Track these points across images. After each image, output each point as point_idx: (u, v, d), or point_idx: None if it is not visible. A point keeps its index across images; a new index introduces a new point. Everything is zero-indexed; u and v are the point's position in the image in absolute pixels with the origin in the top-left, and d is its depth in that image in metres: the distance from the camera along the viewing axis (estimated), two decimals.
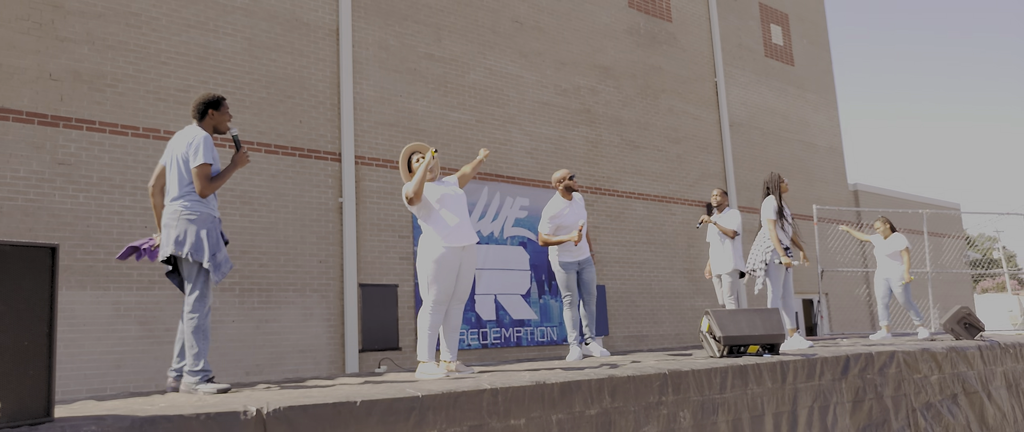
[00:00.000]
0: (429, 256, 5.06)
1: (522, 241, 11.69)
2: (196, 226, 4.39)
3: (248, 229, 9.07)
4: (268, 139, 9.44)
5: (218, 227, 4.51)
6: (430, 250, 5.08)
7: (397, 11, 10.92)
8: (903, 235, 9.30)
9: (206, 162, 4.43)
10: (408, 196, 5.11)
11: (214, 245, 4.41)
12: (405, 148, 5.39)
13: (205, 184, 4.41)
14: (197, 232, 4.38)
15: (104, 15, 8.46)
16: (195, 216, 4.40)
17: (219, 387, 4.27)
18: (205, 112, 4.65)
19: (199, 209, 4.43)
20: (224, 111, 4.72)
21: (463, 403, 3.88)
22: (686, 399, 4.93)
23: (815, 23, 19.24)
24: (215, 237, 4.44)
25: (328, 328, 9.50)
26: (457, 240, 5.12)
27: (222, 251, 4.46)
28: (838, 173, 18.58)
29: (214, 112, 4.67)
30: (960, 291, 21.17)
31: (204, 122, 4.66)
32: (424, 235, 5.18)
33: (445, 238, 5.09)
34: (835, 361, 6.08)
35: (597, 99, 13.29)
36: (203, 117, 4.65)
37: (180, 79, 8.86)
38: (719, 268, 8.15)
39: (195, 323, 4.34)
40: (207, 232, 4.41)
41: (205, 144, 4.45)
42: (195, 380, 4.31)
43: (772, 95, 17.16)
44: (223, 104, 4.72)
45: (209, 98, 4.67)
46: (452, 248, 5.08)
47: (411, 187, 5.09)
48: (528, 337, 11.45)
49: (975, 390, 7.31)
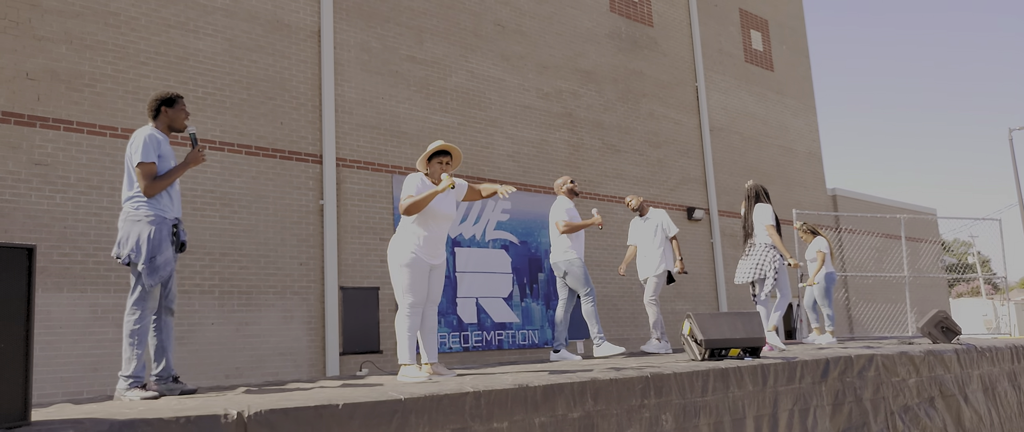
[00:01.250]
0: (401, 260, 5.01)
1: (504, 244, 11.68)
2: (138, 227, 4.33)
3: (228, 231, 9.00)
4: (249, 141, 9.37)
5: (166, 228, 4.39)
6: (402, 253, 5.02)
7: (379, 13, 10.89)
8: (824, 240, 9.49)
9: (144, 161, 4.35)
10: (405, 209, 4.99)
11: (154, 248, 4.31)
12: (436, 144, 5.15)
13: (149, 183, 4.34)
14: (138, 234, 4.32)
15: (82, 14, 8.37)
16: (139, 218, 4.35)
17: (147, 395, 4.14)
18: (158, 110, 4.61)
19: (144, 211, 4.36)
20: (179, 109, 4.65)
21: (446, 406, 3.87)
22: (668, 402, 4.94)
23: (794, 29, 19.42)
24: (158, 239, 4.34)
25: (309, 331, 9.44)
26: (428, 256, 5.08)
27: (163, 254, 4.34)
28: (817, 178, 18.75)
29: (168, 110, 4.62)
30: (936, 295, 21.43)
31: (158, 120, 4.61)
32: (398, 234, 5.11)
33: (417, 249, 5.03)
34: (815, 364, 6.13)
35: (579, 103, 13.32)
36: (157, 115, 4.61)
37: (159, 79, 8.78)
38: (647, 270, 7.91)
39: (129, 327, 4.28)
40: (149, 233, 4.32)
41: (144, 143, 4.38)
42: (124, 386, 4.20)
43: (752, 100, 17.29)
44: (178, 102, 4.65)
45: (162, 96, 4.62)
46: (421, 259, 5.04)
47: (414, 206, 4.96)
48: (510, 340, 11.44)
49: (952, 393, 7.40)
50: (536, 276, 11.97)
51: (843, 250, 18.31)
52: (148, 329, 4.35)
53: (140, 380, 4.23)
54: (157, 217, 4.36)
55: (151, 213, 4.35)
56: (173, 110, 4.63)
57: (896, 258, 18.87)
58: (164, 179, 4.40)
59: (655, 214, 8.06)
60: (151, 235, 4.32)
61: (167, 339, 4.59)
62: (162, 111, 4.61)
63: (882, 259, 19.17)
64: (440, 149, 5.18)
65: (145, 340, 4.29)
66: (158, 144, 4.46)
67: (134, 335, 4.26)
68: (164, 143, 4.54)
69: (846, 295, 18.24)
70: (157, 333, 4.57)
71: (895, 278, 18.22)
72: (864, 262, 18.66)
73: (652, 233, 7.98)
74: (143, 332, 4.28)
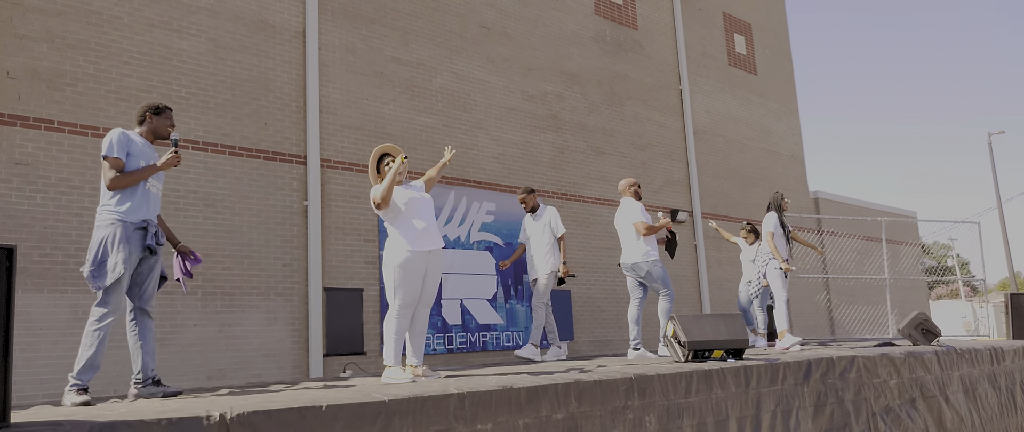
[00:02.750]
0: (395, 260, 5.04)
1: (488, 246, 11.69)
2: (98, 233, 4.36)
3: (212, 232, 8.94)
4: (232, 141, 9.32)
5: (125, 230, 4.37)
6: (396, 254, 5.05)
7: (364, 14, 10.87)
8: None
9: (109, 155, 4.40)
10: (376, 201, 5.09)
11: (104, 252, 4.30)
12: (375, 149, 5.34)
13: (113, 178, 4.39)
14: (95, 238, 4.35)
15: (64, 13, 8.29)
16: (99, 223, 4.40)
17: (80, 400, 4.10)
18: (144, 116, 4.72)
19: (105, 216, 4.40)
20: (165, 118, 4.75)
21: (430, 408, 3.86)
22: (652, 403, 4.96)
23: (777, 33, 19.55)
24: (111, 244, 4.31)
25: (292, 332, 9.39)
26: (423, 244, 5.11)
27: (114, 258, 4.29)
28: (799, 181, 18.88)
29: (153, 117, 4.72)
30: (916, 297, 21.63)
31: (142, 126, 4.71)
32: (390, 239, 5.16)
33: (412, 242, 5.07)
34: (797, 366, 6.17)
35: (563, 105, 13.35)
36: (142, 121, 4.72)
37: (142, 79, 8.72)
38: (536, 270, 7.59)
39: (87, 327, 4.28)
40: (106, 238, 4.32)
41: (113, 140, 4.43)
42: (67, 386, 4.19)
43: (735, 103, 17.39)
44: (165, 112, 4.76)
45: (152, 105, 4.74)
46: (418, 252, 5.06)
47: (379, 192, 5.07)
48: (494, 342, 11.44)
49: (933, 394, 7.47)
50: (520, 278, 11.98)
51: (825, 252, 18.44)
52: (106, 333, 4.30)
53: (81, 383, 4.19)
54: (122, 223, 4.37)
55: (115, 219, 4.37)
56: (159, 119, 4.73)
57: (877, 260, 19.03)
58: (130, 176, 4.42)
59: (546, 212, 7.71)
60: (104, 238, 4.32)
61: (145, 341, 4.58)
62: (148, 117, 4.71)
63: (863, 261, 19.33)
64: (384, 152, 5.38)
65: (99, 344, 4.26)
66: (129, 143, 4.50)
67: (86, 335, 4.26)
68: (139, 145, 4.56)
69: (828, 297, 18.38)
70: (134, 335, 4.57)
71: (876, 280, 18.37)
72: (845, 264, 18.80)
73: (541, 231, 7.64)
74: (99, 337, 4.25)
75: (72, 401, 4.08)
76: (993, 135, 27.27)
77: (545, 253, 7.58)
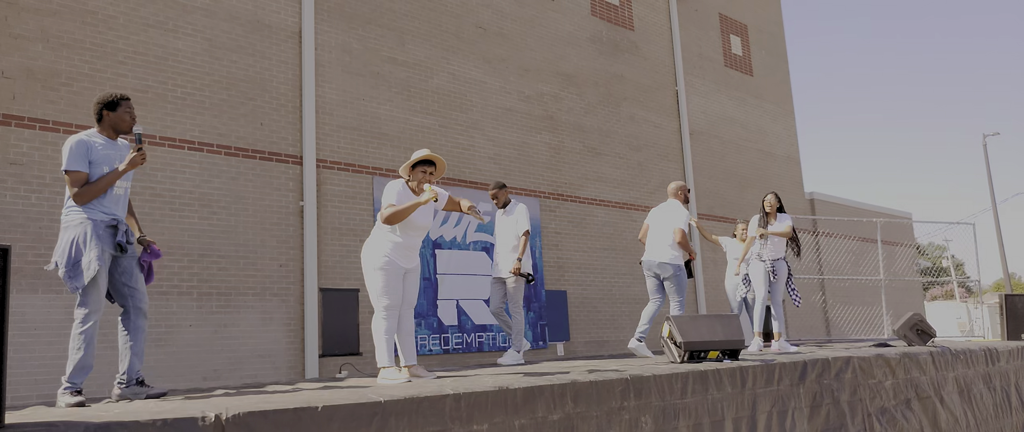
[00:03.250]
0: (375, 263, 5.01)
1: (485, 246, 11.68)
2: (67, 233, 4.21)
3: (207, 232, 8.92)
4: (228, 141, 9.31)
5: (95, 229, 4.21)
6: (376, 257, 5.01)
7: (360, 14, 10.86)
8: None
9: (69, 169, 4.21)
10: (385, 217, 4.95)
11: (77, 252, 4.15)
12: (421, 153, 5.06)
13: (77, 193, 4.21)
14: (65, 239, 4.20)
15: (59, 12, 8.27)
16: (67, 223, 4.25)
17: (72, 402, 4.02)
18: (100, 114, 4.44)
19: (71, 216, 4.24)
20: (123, 112, 4.45)
21: (425, 408, 3.86)
22: (648, 404, 4.96)
23: (773, 34, 19.58)
24: (83, 242, 4.17)
25: (288, 333, 9.38)
26: (403, 261, 5.08)
27: (87, 255, 4.15)
28: (795, 182, 18.91)
29: (109, 114, 4.43)
30: (911, 298, 21.67)
31: (101, 124, 4.44)
32: (373, 238, 5.09)
33: (393, 252, 5.03)
34: (793, 367, 6.18)
35: (560, 106, 13.35)
36: (100, 119, 4.44)
37: (138, 79, 8.70)
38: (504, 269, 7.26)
39: (73, 331, 4.18)
40: (76, 237, 4.19)
41: (69, 151, 4.22)
42: (61, 389, 4.12)
43: (731, 104, 17.42)
44: (122, 105, 4.46)
45: (105, 99, 4.44)
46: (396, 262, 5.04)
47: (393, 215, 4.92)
48: (490, 342, 11.43)
49: (928, 395, 7.48)
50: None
51: (821, 253, 18.47)
52: (93, 333, 4.17)
53: (74, 386, 4.11)
54: (88, 221, 4.21)
55: (77, 218, 4.22)
56: (115, 114, 4.44)
57: (872, 261, 19.07)
58: (97, 185, 4.24)
59: (517, 208, 7.36)
60: (74, 239, 4.18)
61: (135, 341, 4.46)
62: (104, 115, 4.44)
63: (858, 262, 19.37)
64: (425, 158, 5.10)
65: (86, 345, 4.15)
66: (88, 150, 4.27)
67: (74, 340, 4.16)
68: (99, 149, 4.33)
69: (823, 298, 18.40)
70: (125, 336, 4.46)
71: (871, 281, 18.41)
72: (841, 265, 18.83)
73: (509, 228, 7.33)
74: (86, 339, 4.15)
75: (66, 402, 4.03)
76: (988, 137, 27.35)
77: (511, 251, 7.24)
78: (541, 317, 12.17)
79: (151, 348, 8.36)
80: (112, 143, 4.44)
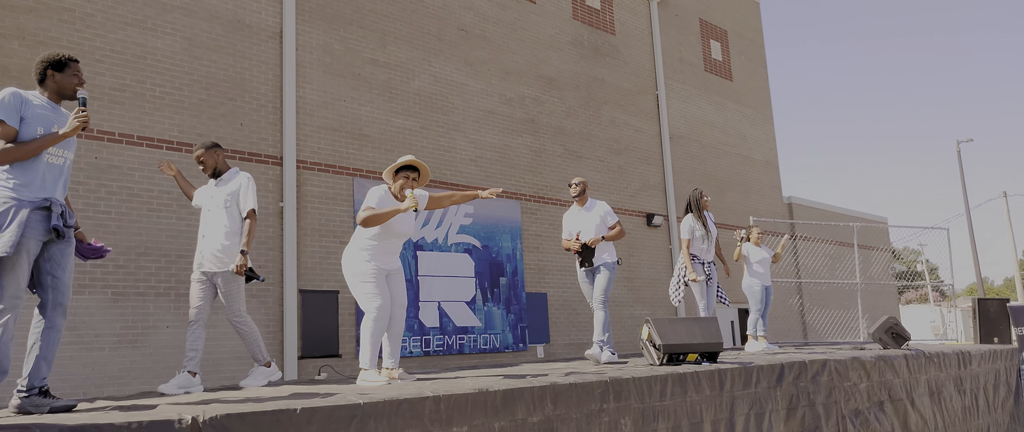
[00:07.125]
0: (357, 268, 4.98)
1: (467, 248, 11.68)
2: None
3: (185, 232, 8.85)
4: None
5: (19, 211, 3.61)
6: (357, 262, 4.99)
7: (342, 15, 10.82)
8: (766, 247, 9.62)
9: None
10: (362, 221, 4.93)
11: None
12: (405, 158, 5.05)
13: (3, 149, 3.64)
14: None
15: (36, 10, 8.18)
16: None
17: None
18: (43, 73, 3.94)
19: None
20: (71, 74, 3.99)
21: (405, 410, 3.86)
22: (627, 406, 4.99)
23: (753, 40, 19.75)
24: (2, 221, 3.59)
25: (267, 334, 9.32)
26: (384, 263, 5.08)
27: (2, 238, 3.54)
28: (773, 186, 19.07)
29: (54, 73, 3.95)
30: (886, 302, 21.92)
31: (44, 86, 3.95)
32: (354, 244, 5.07)
33: (373, 256, 5.02)
34: (771, 369, 6.24)
35: (541, 109, 13.38)
36: (42, 80, 3.95)
37: (115, 78, 8.61)
38: None
39: None
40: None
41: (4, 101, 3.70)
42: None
43: (711, 109, 17.54)
44: (70, 66, 4.00)
45: (50, 58, 3.96)
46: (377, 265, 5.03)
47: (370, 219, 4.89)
48: (471, 344, 11.43)
49: (900, 397, 7.58)
50: (498, 280, 11.99)
51: (798, 257, 18.63)
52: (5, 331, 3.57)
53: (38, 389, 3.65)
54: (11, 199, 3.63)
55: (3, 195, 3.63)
56: (62, 75, 3.97)
57: (849, 265, 19.27)
58: (24, 147, 3.66)
59: None
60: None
61: (45, 343, 3.75)
62: (49, 75, 3.95)
63: (835, 266, 19.56)
64: (408, 164, 5.10)
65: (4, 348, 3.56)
66: (22, 104, 3.75)
67: None
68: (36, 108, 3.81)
69: (800, 301, 18.57)
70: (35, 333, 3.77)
71: (847, 285, 18.60)
72: (818, 269, 19.02)
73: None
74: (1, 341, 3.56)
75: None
76: (962, 143, 27.72)
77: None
78: (521, 319, 12.19)
79: (128, 349, 8.27)
80: (54, 107, 3.93)
